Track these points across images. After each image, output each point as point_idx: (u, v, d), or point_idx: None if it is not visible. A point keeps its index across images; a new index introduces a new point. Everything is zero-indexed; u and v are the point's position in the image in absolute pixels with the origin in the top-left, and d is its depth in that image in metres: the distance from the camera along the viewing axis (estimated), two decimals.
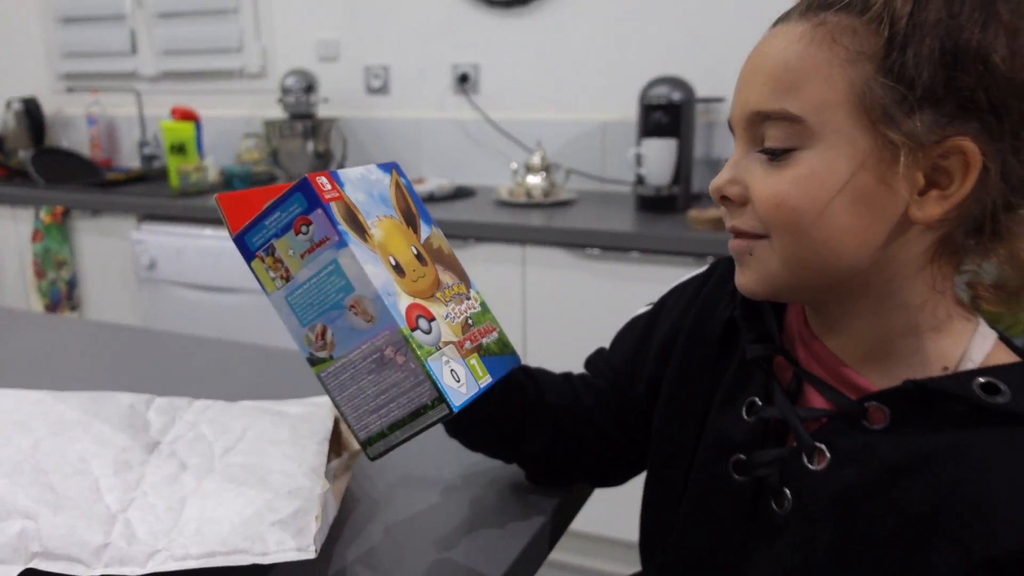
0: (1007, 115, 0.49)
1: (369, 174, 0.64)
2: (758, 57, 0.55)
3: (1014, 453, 0.49)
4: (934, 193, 0.51)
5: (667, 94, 2.00)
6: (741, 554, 0.60)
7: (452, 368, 0.59)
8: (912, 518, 0.51)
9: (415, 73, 2.57)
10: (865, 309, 0.56)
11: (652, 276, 1.82)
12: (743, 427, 0.61)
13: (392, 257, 0.60)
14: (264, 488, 0.64)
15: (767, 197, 0.54)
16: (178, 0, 2.82)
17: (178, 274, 2.33)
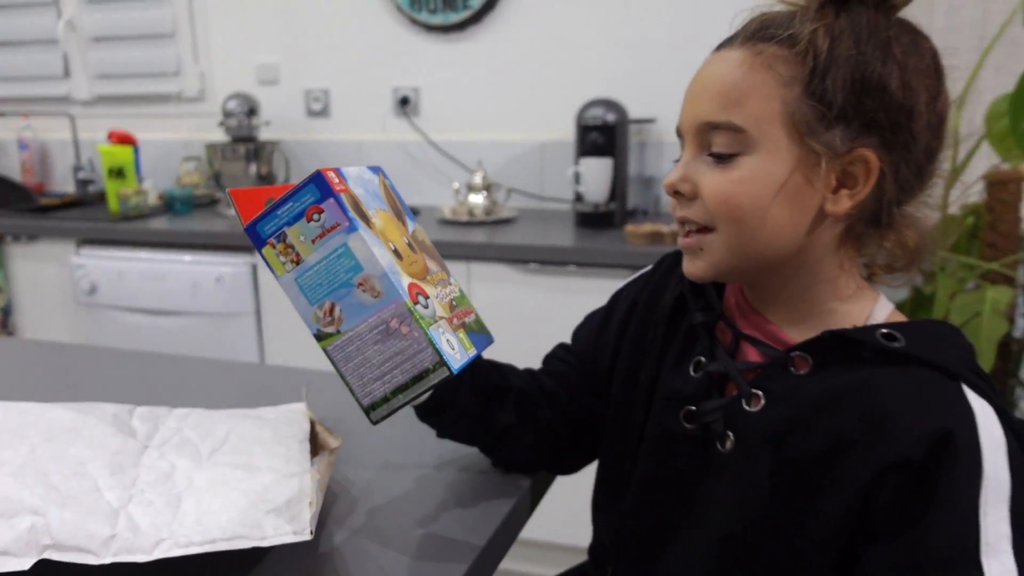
0: (900, 132, 0.61)
1: (363, 174, 0.71)
2: (706, 76, 0.66)
3: (907, 383, 0.61)
4: (844, 192, 0.63)
5: (602, 115, 2.10)
6: (693, 492, 0.70)
7: (447, 338, 0.67)
8: (832, 440, 0.62)
9: (356, 96, 2.62)
10: (791, 283, 0.68)
11: (592, 288, 1.90)
12: (691, 382, 0.72)
13: (391, 243, 0.68)
14: (255, 482, 0.69)
15: (715, 194, 0.65)
16: (113, 24, 2.82)
17: (119, 298, 2.32)
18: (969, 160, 1.69)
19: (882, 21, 0.62)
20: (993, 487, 0.56)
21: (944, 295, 1.60)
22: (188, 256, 2.26)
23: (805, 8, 0.63)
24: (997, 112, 1.67)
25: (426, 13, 2.44)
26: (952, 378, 0.61)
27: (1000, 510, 0.56)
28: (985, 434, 0.58)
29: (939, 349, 0.63)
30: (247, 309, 2.23)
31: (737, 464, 0.67)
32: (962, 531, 0.56)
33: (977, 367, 0.63)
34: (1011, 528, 0.56)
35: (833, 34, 0.61)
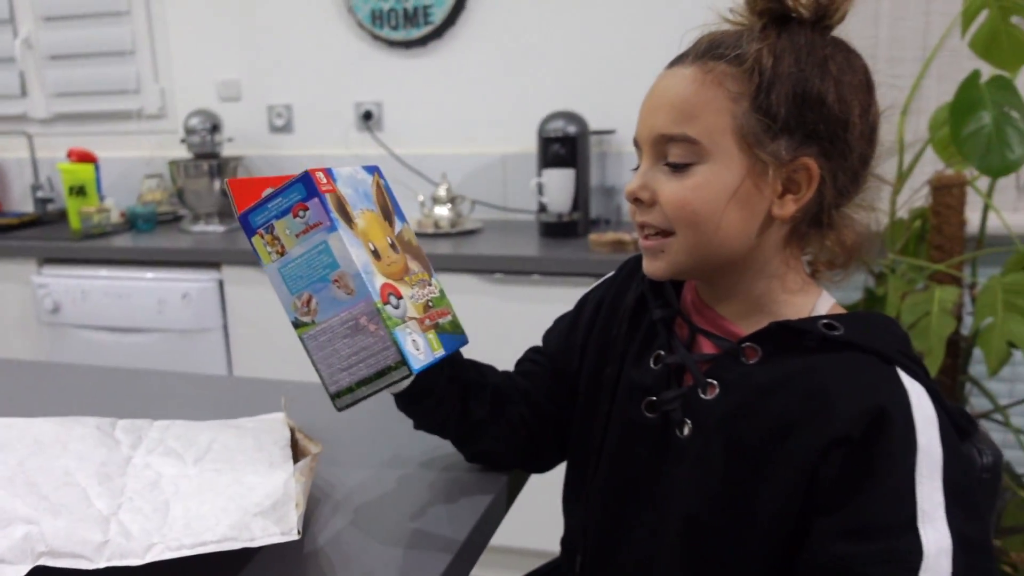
0: (837, 142, 0.67)
1: (356, 174, 0.75)
2: (661, 91, 0.71)
3: (846, 367, 0.67)
4: (789, 197, 0.69)
5: (563, 127, 2.15)
6: (655, 477, 0.75)
7: (414, 338, 0.71)
8: (779, 422, 0.67)
9: (319, 111, 2.64)
10: (742, 281, 0.73)
11: (557, 297, 1.94)
12: (651, 374, 0.77)
13: (371, 243, 0.72)
14: (241, 486, 0.71)
15: (672, 201, 0.70)
16: (71, 42, 2.80)
17: (83, 316, 2.31)
18: (914, 166, 1.76)
19: (818, 40, 0.68)
20: (927, 460, 0.62)
21: (895, 295, 1.67)
22: (153, 273, 2.25)
23: (750, 28, 0.69)
24: (939, 120, 1.75)
25: (388, 29, 2.47)
26: (887, 362, 0.66)
27: (934, 481, 0.61)
28: (918, 412, 0.64)
29: (875, 336, 0.68)
30: (214, 325, 2.23)
31: (695, 449, 0.72)
32: (900, 500, 0.61)
33: (911, 353, 0.69)
34: (944, 497, 0.61)
35: (776, 53, 0.66)
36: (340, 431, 0.99)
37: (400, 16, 2.46)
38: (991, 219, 1.79)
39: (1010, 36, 1.51)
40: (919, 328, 1.58)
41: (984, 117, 1.47)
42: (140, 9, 2.72)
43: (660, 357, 0.77)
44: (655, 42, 2.22)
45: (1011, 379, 2.12)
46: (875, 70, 2.11)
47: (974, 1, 1.55)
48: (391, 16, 2.46)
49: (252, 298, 2.20)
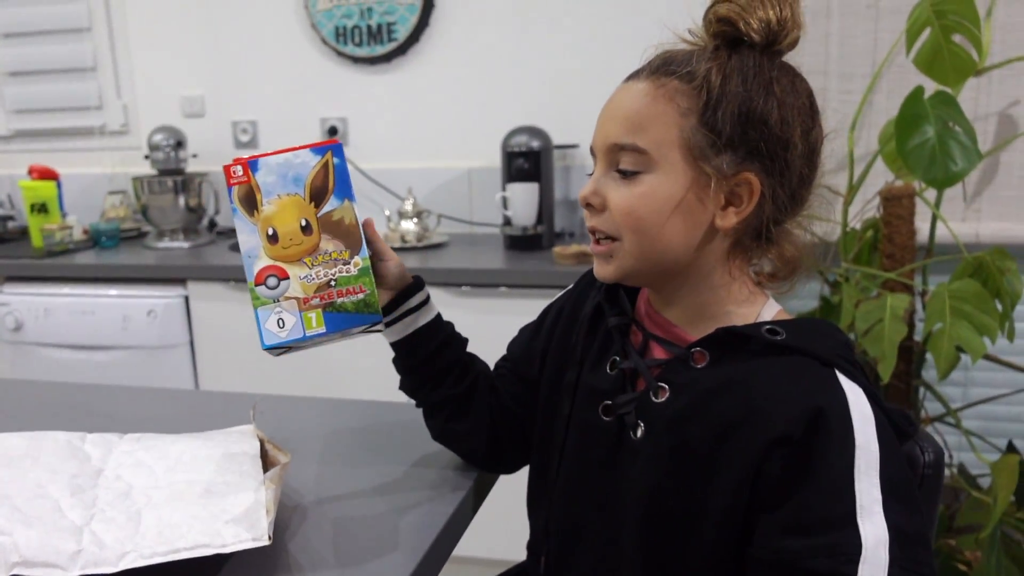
0: (777, 160, 0.71)
1: (295, 158, 0.80)
2: (616, 103, 0.75)
3: (787, 370, 0.70)
4: (731, 209, 0.72)
5: (527, 142, 2.19)
6: (612, 478, 0.78)
7: (281, 317, 0.78)
8: (724, 422, 0.70)
9: (283, 127, 2.65)
10: (686, 287, 0.77)
11: (523, 309, 1.96)
12: (607, 379, 0.81)
13: (272, 228, 0.79)
14: (212, 495, 0.73)
15: (620, 207, 0.74)
16: (31, 59, 2.78)
17: (46, 335, 2.29)
18: (865, 177, 1.82)
19: (767, 63, 0.71)
20: (864, 456, 0.65)
21: (849, 303, 1.72)
22: (118, 290, 2.24)
23: (703, 48, 0.73)
24: (888, 134, 1.81)
25: (352, 46, 2.50)
26: (827, 365, 0.70)
27: (872, 477, 0.65)
28: (856, 411, 0.67)
29: (816, 341, 0.72)
30: (181, 341, 2.22)
31: (647, 450, 0.75)
32: (839, 496, 0.64)
33: (850, 357, 0.72)
34: (882, 492, 0.65)
35: (725, 73, 0.70)
36: (308, 441, 1.01)
37: (364, 33, 2.48)
38: (940, 228, 1.86)
39: (952, 53, 1.57)
40: (873, 334, 1.64)
41: (928, 131, 1.53)
42: (102, 25, 2.72)
43: (615, 363, 0.81)
44: (616, 58, 2.27)
45: (964, 383, 2.19)
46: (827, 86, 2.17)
47: (917, 20, 1.61)
48: (355, 33, 2.49)
49: (218, 314, 2.20)
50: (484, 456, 0.93)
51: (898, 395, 1.85)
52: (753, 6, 0.70)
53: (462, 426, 0.91)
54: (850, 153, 1.81)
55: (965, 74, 1.60)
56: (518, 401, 0.92)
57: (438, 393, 0.90)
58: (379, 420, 1.09)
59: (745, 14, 0.70)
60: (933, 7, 1.59)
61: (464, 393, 0.90)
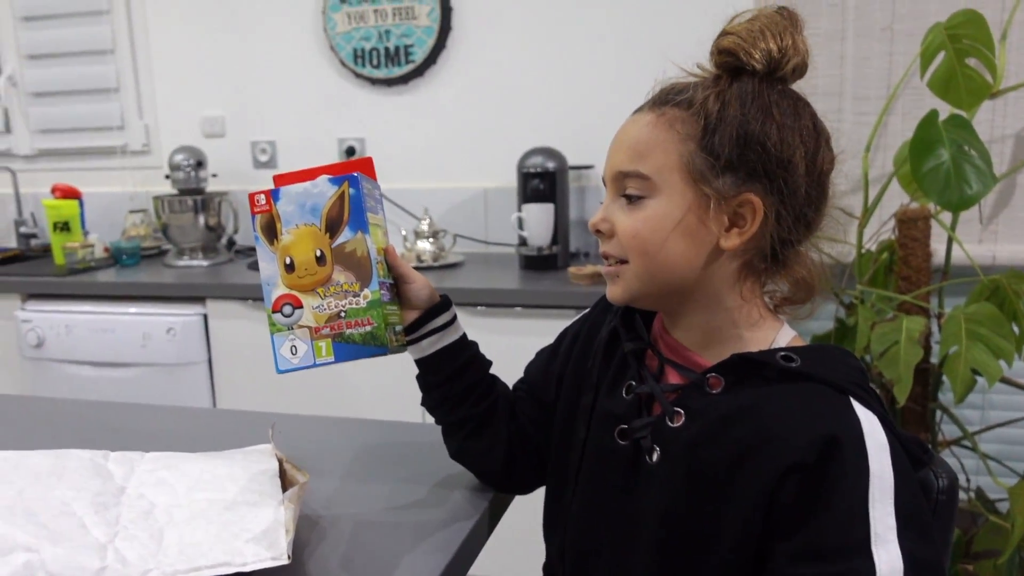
0: (777, 180, 0.73)
1: (314, 187, 0.82)
2: (622, 134, 0.78)
3: (802, 397, 0.71)
4: (735, 230, 0.74)
5: (542, 163, 2.21)
6: (627, 502, 0.79)
7: (294, 344, 0.81)
8: (738, 449, 0.71)
9: (302, 147, 2.69)
10: (697, 310, 0.78)
11: (538, 329, 1.98)
12: (623, 404, 0.82)
13: (289, 257, 0.82)
14: (233, 514, 0.74)
15: (626, 231, 0.76)
16: (55, 80, 2.84)
17: (67, 351, 2.32)
18: (880, 199, 1.83)
19: (767, 89, 0.73)
20: (879, 484, 0.66)
21: (865, 325, 1.72)
22: (138, 308, 2.27)
23: (705, 78, 0.76)
24: (903, 156, 1.82)
25: (370, 67, 2.53)
26: (841, 392, 0.71)
27: (887, 505, 0.65)
28: (870, 439, 0.68)
29: (830, 368, 0.73)
30: (199, 359, 2.25)
31: (663, 474, 0.76)
32: (853, 523, 0.65)
33: (865, 384, 0.73)
34: (896, 521, 0.65)
35: (724, 99, 0.73)
36: (325, 460, 1.02)
37: (382, 55, 2.52)
38: (956, 250, 1.85)
39: (966, 77, 1.58)
40: (888, 357, 1.64)
41: (942, 154, 1.54)
42: (125, 47, 2.77)
43: (631, 387, 0.81)
44: (631, 80, 2.28)
45: (981, 406, 2.18)
46: (841, 108, 2.19)
47: (931, 43, 1.62)
48: (373, 55, 2.52)
49: (236, 332, 2.23)
50: (500, 476, 0.94)
51: (914, 418, 1.84)
52: (755, 38, 0.73)
53: (480, 445, 0.92)
54: (865, 175, 1.82)
55: (980, 97, 1.60)
56: (535, 424, 0.93)
57: (459, 412, 0.91)
58: (396, 440, 1.10)
59: (747, 46, 0.73)
60: (947, 31, 1.60)
61: (484, 413, 0.91)
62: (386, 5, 2.48)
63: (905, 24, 2.06)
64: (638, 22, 2.32)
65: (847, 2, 2.09)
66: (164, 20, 2.74)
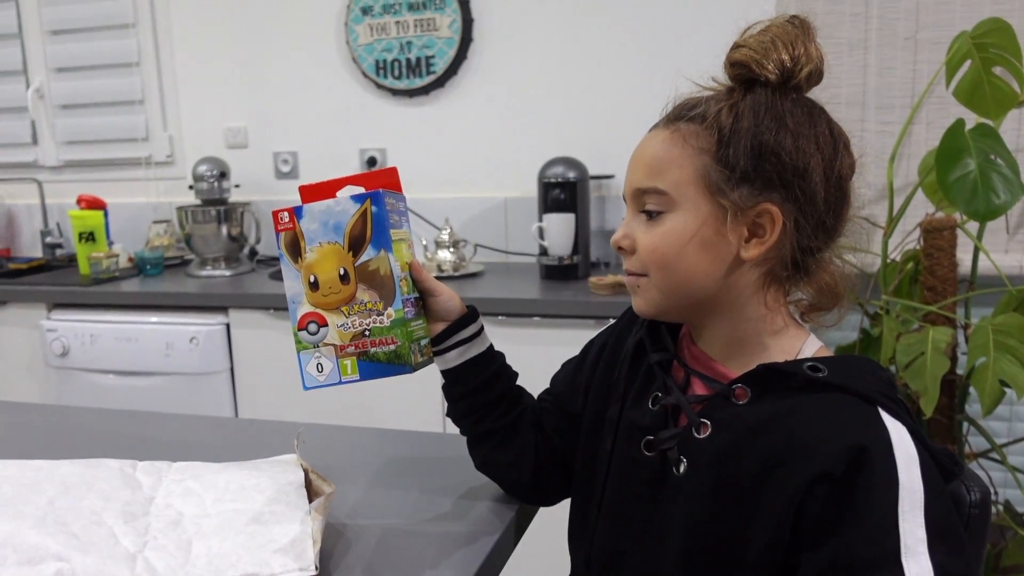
0: (795, 188, 0.73)
1: (336, 205, 0.82)
2: (639, 151, 0.79)
3: (829, 407, 0.70)
4: (754, 240, 0.74)
5: (563, 173, 2.21)
6: (653, 513, 0.78)
7: (320, 362, 0.82)
8: (766, 458, 0.70)
9: (324, 157, 2.70)
10: (721, 320, 0.78)
11: (558, 339, 1.98)
12: (649, 415, 0.81)
13: (313, 275, 0.82)
14: (260, 525, 0.74)
15: (645, 246, 0.77)
16: (82, 92, 2.88)
17: (91, 360, 2.34)
18: (905, 209, 1.81)
19: (780, 99, 0.73)
20: (908, 496, 0.65)
21: (890, 336, 1.71)
22: (161, 317, 2.29)
23: (718, 91, 0.76)
24: (927, 165, 1.80)
25: (391, 79, 2.55)
26: (869, 402, 0.70)
27: (916, 517, 0.65)
28: (900, 450, 0.67)
29: (858, 378, 0.72)
30: (221, 368, 2.26)
31: (689, 485, 0.75)
32: (883, 535, 0.64)
33: (893, 395, 0.72)
34: (927, 533, 0.64)
35: (737, 111, 0.73)
36: (351, 471, 1.02)
37: (403, 66, 2.53)
38: (982, 259, 1.83)
39: (992, 86, 1.57)
40: (914, 368, 1.62)
41: (969, 164, 1.52)
42: (150, 60, 2.81)
43: (657, 399, 0.81)
44: (651, 89, 2.29)
45: (1009, 418, 2.15)
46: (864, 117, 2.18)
47: (957, 52, 1.61)
48: (394, 66, 2.54)
49: (258, 341, 2.24)
50: (526, 487, 0.93)
51: (941, 430, 1.82)
52: (767, 50, 0.73)
53: (506, 456, 0.92)
54: (889, 184, 1.81)
55: (1007, 107, 1.59)
56: (561, 434, 0.93)
57: (486, 423, 0.91)
58: (420, 450, 1.10)
59: (759, 57, 0.73)
60: (973, 40, 1.59)
61: (511, 424, 0.91)
62: (408, 17, 2.50)
63: (928, 33, 2.04)
64: (659, 32, 2.32)
65: (870, 11, 2.08)
66: (189, 33, 2.77)
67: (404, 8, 2.50)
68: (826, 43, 2.23)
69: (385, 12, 2.51)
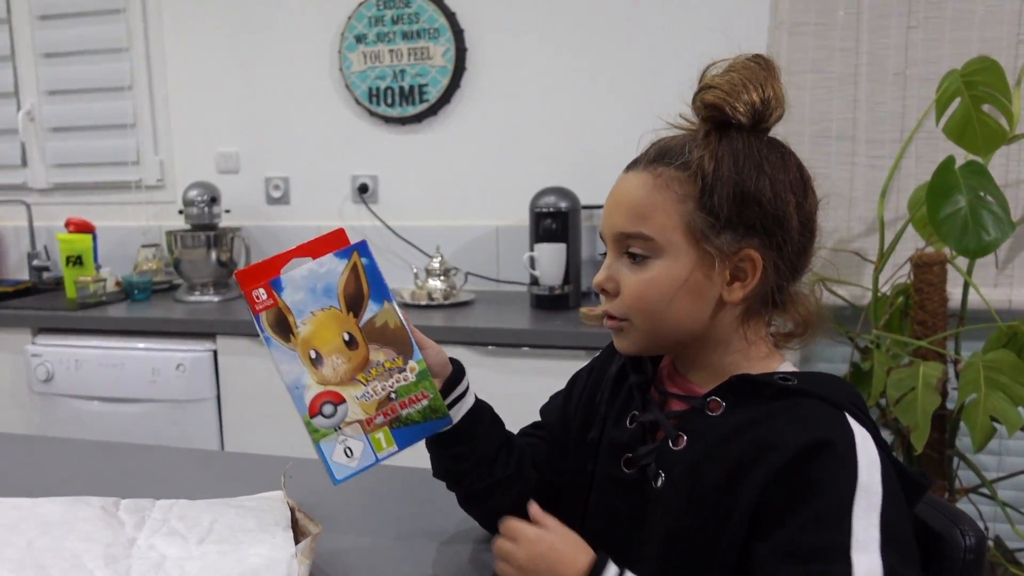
0: (774, 234, 0.75)
1: (319, 267, 0.74)
2: (620, 193, 0.79)
3: (794, 410, 0.73)
4: (737, 284, 0.76)
5: (555, 202, 2.21)
6: (634, 527, 0.79)
7: (348, 446, 0.73)
8: (736, 464, 0.72)
9: (315, 184, 2.70)
10: (707, 354, 0.81)
11: (548, 369, 1.97)
12: (628, 432, 0.83)
13: (314, 350, 0.73)
14: (244, 567, 0.73)
15: (632, 293, 0.78)
16: (73, 115, 2.87)
17: (76, 386, 2.31)
18: (896, 243, 1.82)
19: (755, 143, 0.75)
20: (865, 495, 0.67)
21: (880, 370, 1.70)
22: (148, 343, 2.27)
23: (694, 135, 0.77)
24: (917, 200, 1.81)
25: (384, 106, 2.55)
26: (837, 408, 0.72)
27: (872, 517, 0.66)
28: (863, 452, 0.69)
29: (827, 387, 0.75)
30: (208, 395, 2.24)
31: (667, 498, 0.77)
32: (836, 527, 0.66)
33: (860, 406, 0.74)
34: (880, 534, 0.65)
35: (717, 157, 0.74)
36: (339, 508, 1.01)
37: (396, 94, 2.54)
38: (972, 293, 1.84)
39: (982, 123, 1.58)
40: (905, 403, 1.62)
41: (960, 201, 1.53)
42: (143, 84, 2.80)
43: (635, 417, 0.83)
44: (643, 121, 2.28)
45: (999, 452, 2.15)
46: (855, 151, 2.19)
47: (947, 90, 1.62)
48: (387, 94, 2.54)
49: (246, 369, 2.22)
50: None
51: (931, 465, 1.81)
52: (737, 91, 0.74)
53: (509, 502, 0.89)
54: (880, 220, 1.81)
55: (996, 144, 1.60)
56: (553, 468, 0.93)
57: (493, 475, 0.88)
58: (411, 488, 1.09)
59: (731, 99, 0.74)
60: (963, 77, 1.60)
61: (515, 472, 0.90)
62: (402, 45, 2.51)
63: (918, 69, 2.06)
64: (651, 63, 2.34)
65: (860, 47, 2.10)
66: (182, 58, 2.77)
67: (398, 37, 2.51)
68: (816, 77, 2.25)
69: (379, 40, 2.52)
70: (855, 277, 2.04)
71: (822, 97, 2.13)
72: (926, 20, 2.04)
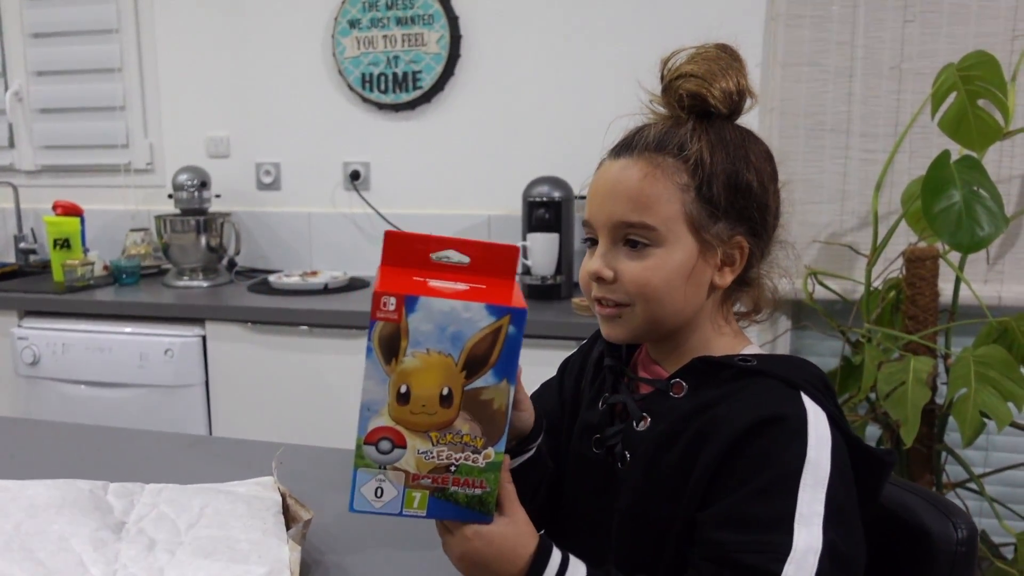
0: (759, 221, 0.79)
1: (465, 311, 0.66)
2: (616, 182, 0.79)
3: (751, 388, 0.75)
4: (727, 269, 0.80)
5: (548, 192, 2.20)
6: (601, 505, 0.82)
7: (381, 487, 0.68)
8: (694, 441, 0.75)
9: (306, 170, 2.68)
10: (688, 339, 0.83)
11: (540, 359, 1.95)
12: (598, 414, 0.86)
13: (406, 386, 0.66)
14: (235, 554, 0.72)
15: (634, 279, 0.78)
16: (62, 96, 2.83)
17: (63, 370, 2.29)
18: (889, 238, 1.82)
19: (737, 133, 0.79)
20: (813, 471, 0.68)
21: (871, 365, 1.71)
22: (136, 327, 2.25)
23: (678, 120, 0.79)
24: (910, 194, 1.81)
25: (377, 92, 2.53)
26: (793, 387, 0.74)
27: (818, 493, 0.68)
28: (813, 429, 0.71)
29: (786, 368, 0.77)
30: (196, 381, 2.22)
31: (631, 477, 0.80)
32: (781, 499, 0.68)
33: (822, 386, 0.76)
34: (825, 509, 0.67)
35: (712, 147, 0.77)
36: (329, 494, 1.00)
37: (390, 80, 2.52)
38: (963, 289, 1.84)
39: (977, 118, 1.58)
40: (895, 397, 1.62)
41: (954, 195, 1.53)
42: (133, 66, 2.77)
43: (605, 399, 0.86)
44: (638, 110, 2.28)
45: (986, 447, 2.16)
46: (849, 144, 2.19)
47: (943, 84, 1.62)
48: (381, 80, 2.53)
49: (235, 355, 2.20)
50: None
51: (920, 459, 1.82)
52: (714, 76, 0.76)
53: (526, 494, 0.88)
54: (874, 214, 1.81)
55: (991, 139, 1.60)
56: (553, 453, 0.92)
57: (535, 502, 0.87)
58: None
59: (708, 85, 0.76)
60: (959, 72, 1.60)
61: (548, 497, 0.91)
62: (396, 31, 2.49)
63: (913, 63, 2.06)
64: (647, 52, 2.32)
65: (856, 40, 2.09)
66: (173, 40, 2.74)
67: (392, 22, 2.49)
68: (812, 70, 2.24)
69: (372, 26, 2.50)
70: (847, 271, 2.04)
71: (817, 90, 2.12)
72: (922, 14, 2.04)
